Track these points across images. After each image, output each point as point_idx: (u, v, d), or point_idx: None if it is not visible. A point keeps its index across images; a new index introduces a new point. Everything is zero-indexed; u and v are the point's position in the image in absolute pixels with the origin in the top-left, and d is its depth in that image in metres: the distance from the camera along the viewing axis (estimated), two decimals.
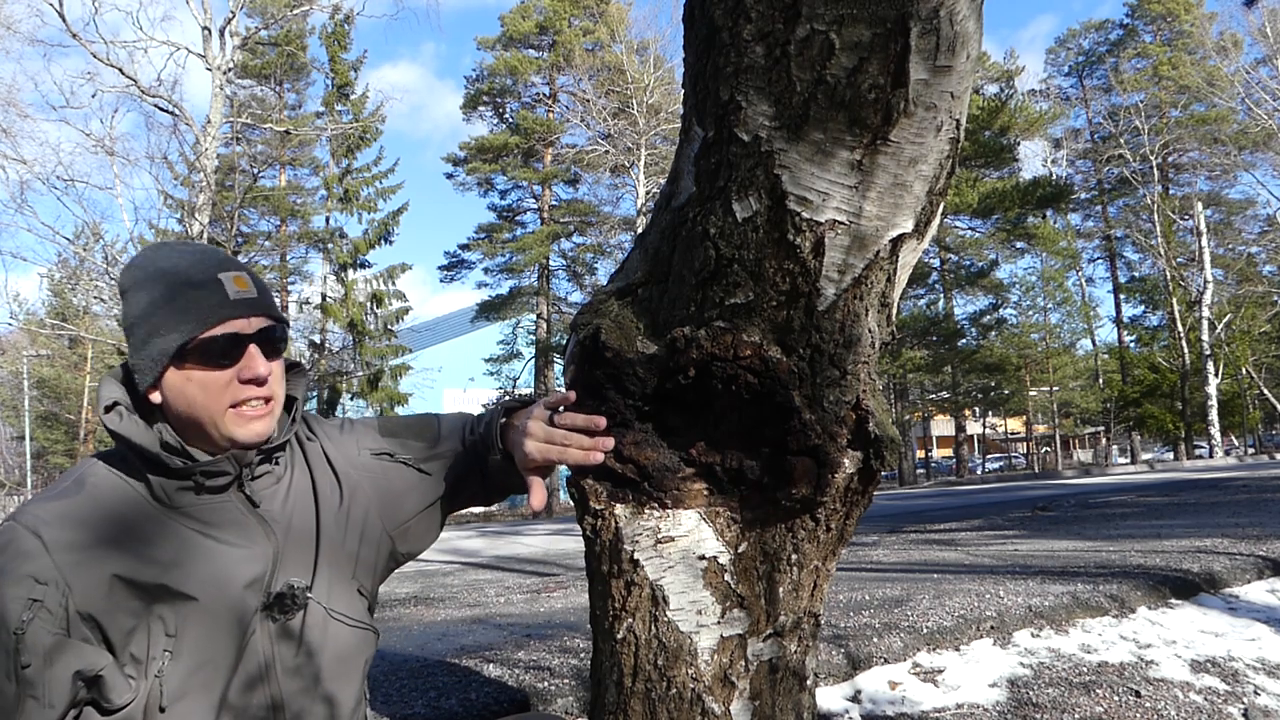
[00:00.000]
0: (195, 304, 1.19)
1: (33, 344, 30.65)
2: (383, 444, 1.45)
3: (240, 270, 1.25)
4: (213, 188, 18.40)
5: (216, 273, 1.22)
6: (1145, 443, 36.55)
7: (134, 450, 1.20)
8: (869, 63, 1.10)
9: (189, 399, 1.20)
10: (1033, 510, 8.87)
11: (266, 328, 1.24)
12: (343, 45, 24.84)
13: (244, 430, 1.22)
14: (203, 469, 1.21)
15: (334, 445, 1.42)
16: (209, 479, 1.22)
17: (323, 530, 1.33)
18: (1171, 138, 33.52)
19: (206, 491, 1.23)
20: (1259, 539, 4.88)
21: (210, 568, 1.20)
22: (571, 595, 4.75)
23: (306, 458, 1.38)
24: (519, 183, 30.90)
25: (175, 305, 1.19)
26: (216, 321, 1.19)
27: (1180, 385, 30.76)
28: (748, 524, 1.35)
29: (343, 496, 1.37)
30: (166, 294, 1.20)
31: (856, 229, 1.21)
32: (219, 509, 1.24)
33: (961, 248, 31.15)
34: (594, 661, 1.44)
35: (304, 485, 1.35)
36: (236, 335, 1.20)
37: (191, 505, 1.23)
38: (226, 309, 1.20)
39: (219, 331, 1.19)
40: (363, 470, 1.41)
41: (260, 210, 31.01)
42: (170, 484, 1.21)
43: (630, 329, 1.33)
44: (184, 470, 1.20)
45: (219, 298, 1.20)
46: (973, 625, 3.07)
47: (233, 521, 1.25)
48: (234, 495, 1.26)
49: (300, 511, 1.32)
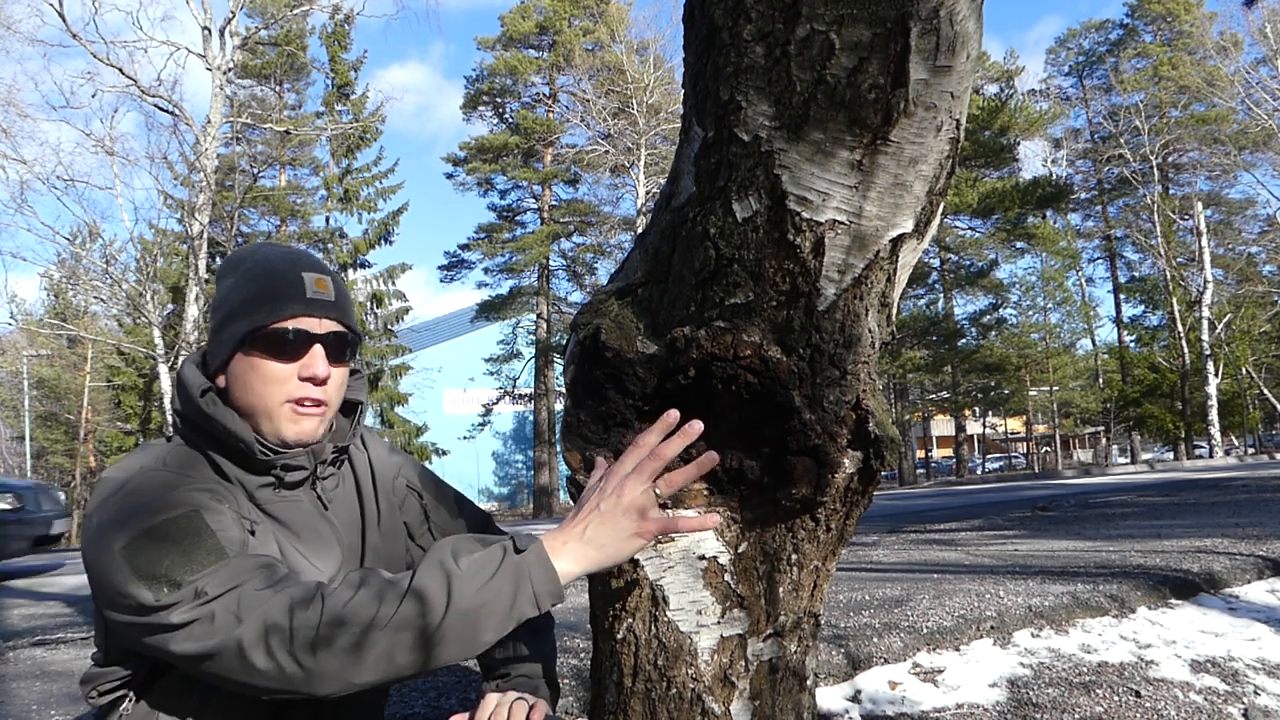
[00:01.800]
0: (272, 295, 1.22)
1: (32, 344, 30.64)
2: (418, 484, 1.49)
3: (325, 275, 1.28)
4: (213, 188, 18.40)
5: (301, 271, 1.25)
6: (1145, 443, 36.53)
7: (223, 437, 1.21)
8: (869, 63, 1.10)
9: (249, 386, 1.22)
10: (1033, 510, 8.87)
11: (336, 332, 1.26)
12: (343, 45, 24.83)
13: (295, 428, 1.23)
14: (284, 461, 1.23)
15: (380, 462, 1.45)
16: (289, 473, 1.25)
17: (368, 537, 1.37)
18: (1171, 138, 33.51)
19: (285, 487, 1.26)
20: (1259, 539, 4.88)
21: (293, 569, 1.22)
22: (571, 595, 4.74)
23: (354, 467, 1.41)
24: (519, 183, 30.90)
25: (255, 294, 1.23)
26: (288, 315, 1.22)
27: (1180, 385, 30.75)
28: (748, 524, 1.35)
29: (380, 509, 1.41)
30: (250, 283, 1.24)
31: (857, 229, 1.21)
32: (296, 507, 1.27)
33: (961, 248, 31.15)
34: (594, 661, 1.45)
35: (353, 493, 1.39)
36: (305, 332, 1.23)
37: (270, 503, 1.25)
38: (300, 304, 1.23)
39: (289, 324, 1.22)
40: (395, 490, 1.45)
41: (260, 210, 30.99)
42: (251, 479, 1.23)
43: (630, 329, 1.33)
44: (267, 462, 1.22)
45: (295, 292, 1.23)
46: (973, 625, 3.07)
47: (307, 524, 1.27)
48: (306, 494, 1.29)
49: (351, 517, 1.36)
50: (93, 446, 33.13)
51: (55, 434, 34.43)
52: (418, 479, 1.49)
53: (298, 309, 1.23)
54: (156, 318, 19.88)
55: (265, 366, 1.22)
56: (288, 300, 1.22)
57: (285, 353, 1.22)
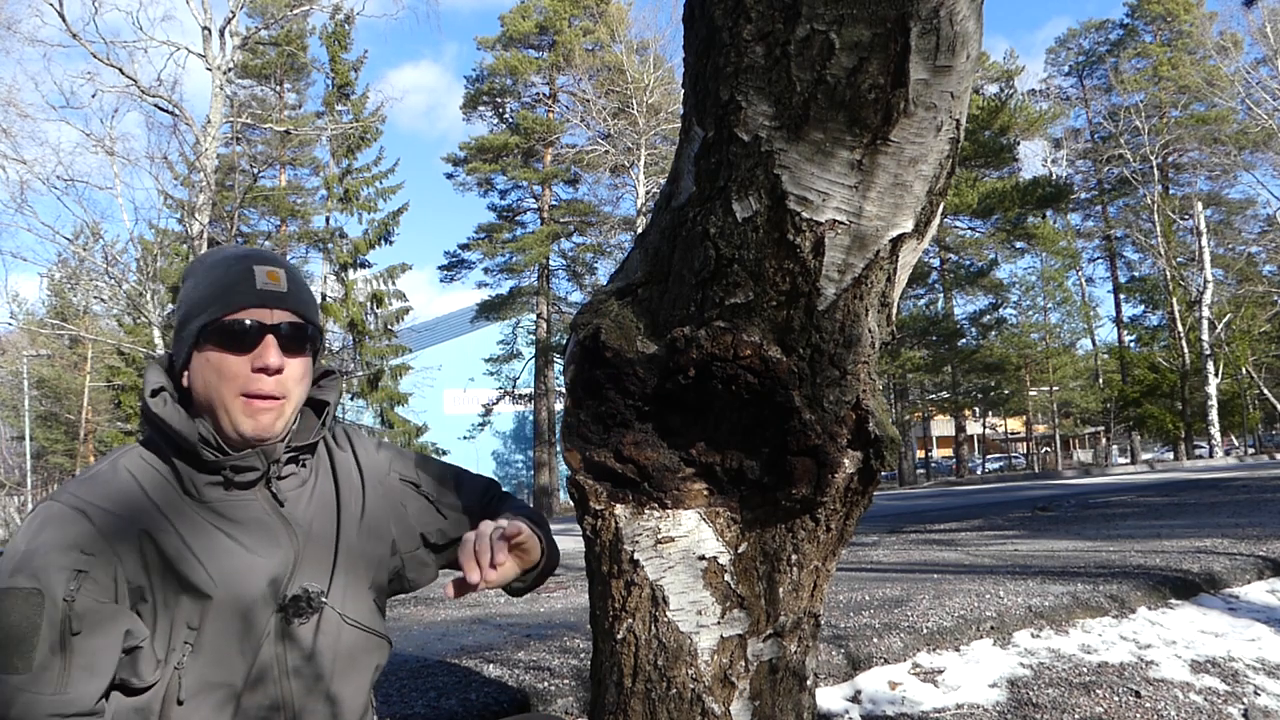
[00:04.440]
0: (224, 289, 1.24)
1: (33, 344, 30.64)
2: (412, 474, 1.48)
3: (277, 266, 1.30)
4: (213, 188, 18.40)
5: (251, 264, 1.27)
6: (1145, 443, 36.52)
7: (170, 437, 1.23)
8: (869, 63, 1.10)
9: (206, 381, 1.24)
10: (1033, 510, 8.86)
11: (291, 323, 1.27)
12: (343, 45, 24.82)
13: (250, 422, 1.23)
14: (233, 463, 1.23)
15: (366, 458, 1.44)
16: (238, 474, 1.25)
17: (342, 537, 1.35)
18: (1171, 138, 33.50)
19: (235, 487, 1.26)
20: (1259, 539, 4.88)
21: (230, 565, 1.22)
22: (571, 595, 4.74)
23: (334, 465, 1.40)
24: (519, 183, 30.89)
25: (208, 290, 1.25)
26: (239, 307, 1.23)
27: (1180, 385, 30.74)
28: (748, 524, 1.35)
29: (364, 508, 1.39)
30: (205, 281, 1.27)
31: (857, 229, 1.21)
32: (244, 506, 1.26)
33: (961, 248, 31.15)
34: (594, 661, 1.44)
35: (328, 491, 1.37)
36: (256, 323, 1.24)
37: (218, 501, 1.25)
38: (250, 296, 1.24)
39: (240, 316, 1.23)
40: (389, 489, 1.44)
41: (260, 210, 30.99)
42: (201, 477, 1.24)
43: (630, 329, 1.33)
44: (215, 464, 1.23)
45: (246, 285, 1.25)
46: (973, 625, 3.07)
47: (256, 520, 1.27)
48: (260, 493, 1.29)
49: (322, 517, 1.34)
50: (93, 446, 33.11)
51: (55, 434, 34.44)
52: (411, 470, 1.49)
53: (247, 299, 1.24)
54: (156, 318, 19.88)
55: (219, 359, 1.23)
56: (238, 293, 1.24)
57: (237, 344, 1.23)
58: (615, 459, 1.33)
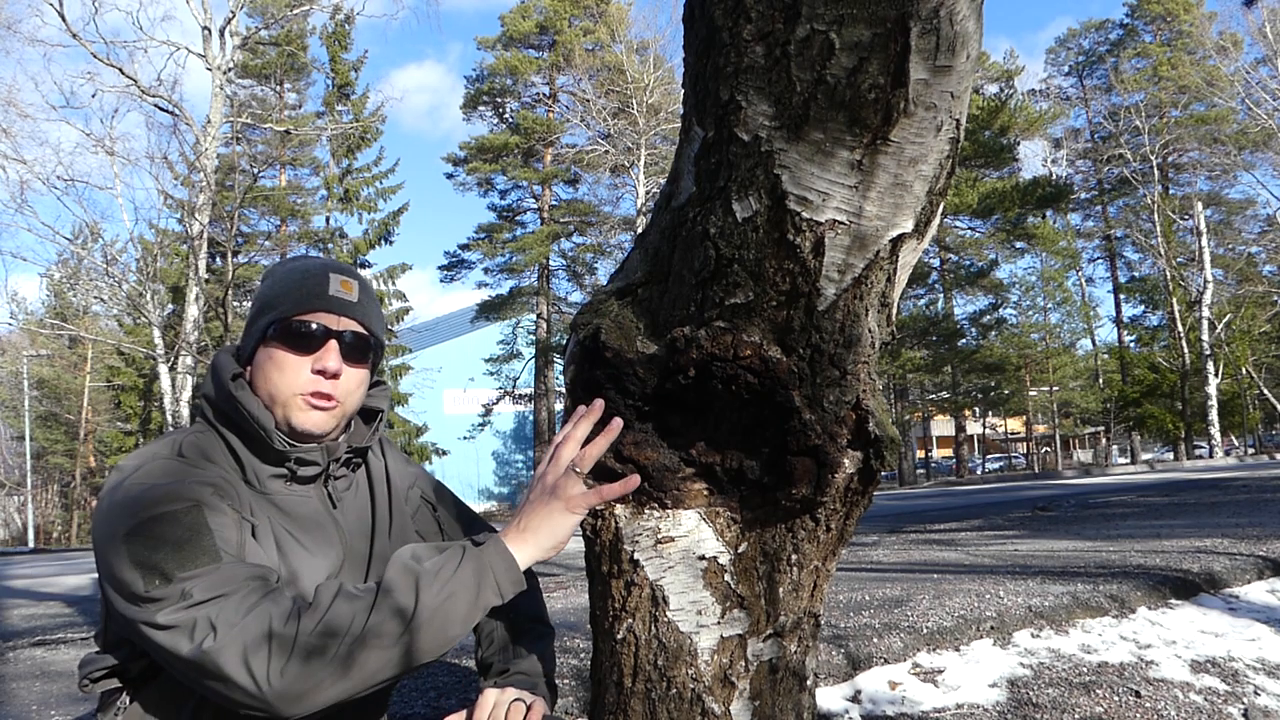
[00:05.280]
0: (298, 291, 1.29)
1: (33, 344, 30.63)
2: (432, 495, 1.53)
3: (353, 278, 1.35)
4: (213, 188, 18.39)
5: (329, 272, 1.32)
6: (1145, 443, 36.52)
7: (244, 422, 1.26)
8: (869, 63, 1.10)
9: (267, 375, 1.27)
10: (1033, 510, 8.86)
11: (356, 332, 1.31)
12: (343, 45, 24.80)
13: (303, 417, 1.27)
14: (299, 454, 1.27)
15: (396, 468, 1.49)
16: (301, 466, 1.28)
17: (376, 542, 1.39)
18: (1171, 138, 33.50)
19: (296, 481, 1.29)
20: (1259, 539, 4.88)
21: (294, 562, 1.25)
22: (571, 595, 4.74)
23: (370, 473, 1.44)
24: (519, 183, 30.90)
25: (284, 290, 1.30)
26: (309, 310, 1.28)
27: (1180, 385, 30.73)
28: (748, 524, 1.35)
29: (392, 516, 1.43)
30: (282, 281, 1.32)
31: (857, 229, 1.21)
32: (303, 502, 1.30)
33: (961, 248, 31.14)
34: (594, 661, 1.44)
35: (365, 498, 1.42)
36: (322, 327, 1.29)
37: (278, 494, 1.28)
38: (321, 301, 1.29)
39: (308, 318, 1.28)
40: (410, 501, 1.49)
41: (260, 210, 30.98)
42: (264, 469, 1.27)
43: (630, 329, 1.33)
44: (282, 454, 1.26)
45: (319, 290, 1.30)
46: (973, 625, 3.07)
47: (312, 518, 1.30)
48: (316, 491, 1.33)
49: (360, 521, 1.39)
50: (93, 447, 33.12)
51: (55, 434, 34.42)
52: (432, 492, 1.53)
53: (318, 305, 1.29)
54: (156, 318, 19.89)
55: (281, 357, 1.27)
56: (311, 296, 1.29)
57: (301, 345, 1.27)
58: (615, 459, 1.33)
